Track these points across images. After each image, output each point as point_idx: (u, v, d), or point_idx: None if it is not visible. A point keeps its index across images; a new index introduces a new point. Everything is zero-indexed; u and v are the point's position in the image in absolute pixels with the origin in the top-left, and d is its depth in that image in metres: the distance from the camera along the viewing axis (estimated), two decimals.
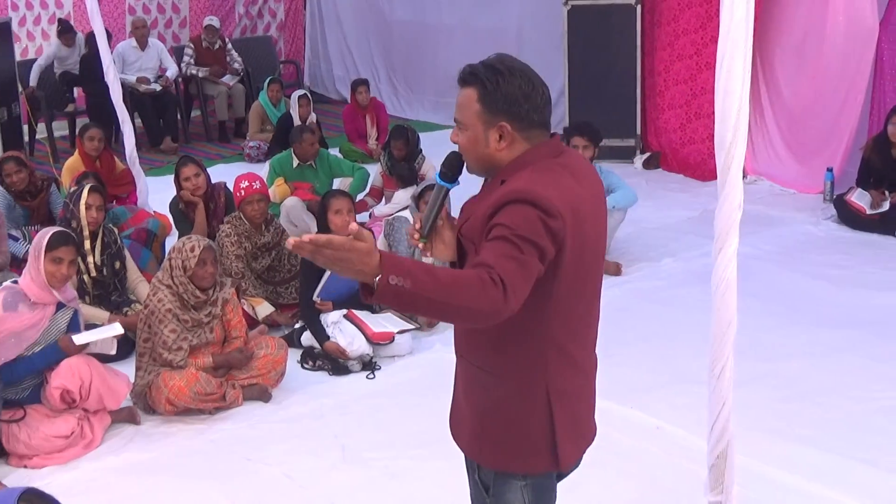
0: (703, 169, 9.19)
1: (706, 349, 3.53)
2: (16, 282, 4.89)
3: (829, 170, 8.39)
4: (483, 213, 2.52)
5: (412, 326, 5.88)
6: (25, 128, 10.51)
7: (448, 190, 2.70)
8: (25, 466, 4.68)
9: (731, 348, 3.47)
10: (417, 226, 2.70)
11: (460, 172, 2.71)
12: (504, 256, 2.36)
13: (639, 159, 9.78)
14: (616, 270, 6.95)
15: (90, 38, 10.39)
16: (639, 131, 9.83)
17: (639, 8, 9.50)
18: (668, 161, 9.71)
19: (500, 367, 2.65)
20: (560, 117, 10.42)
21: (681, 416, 4.81)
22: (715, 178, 3.44)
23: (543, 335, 2.60)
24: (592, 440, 2.88)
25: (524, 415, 2.66)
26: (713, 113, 3.37)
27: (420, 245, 2.71)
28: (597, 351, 2.87)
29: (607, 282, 6.76)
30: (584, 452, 2.83)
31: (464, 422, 2.81)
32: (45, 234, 4.89)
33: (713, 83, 3.38)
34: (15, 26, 11.13)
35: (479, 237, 2.51)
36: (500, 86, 2.56)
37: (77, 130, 8.95)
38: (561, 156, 2.64)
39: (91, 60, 9.85)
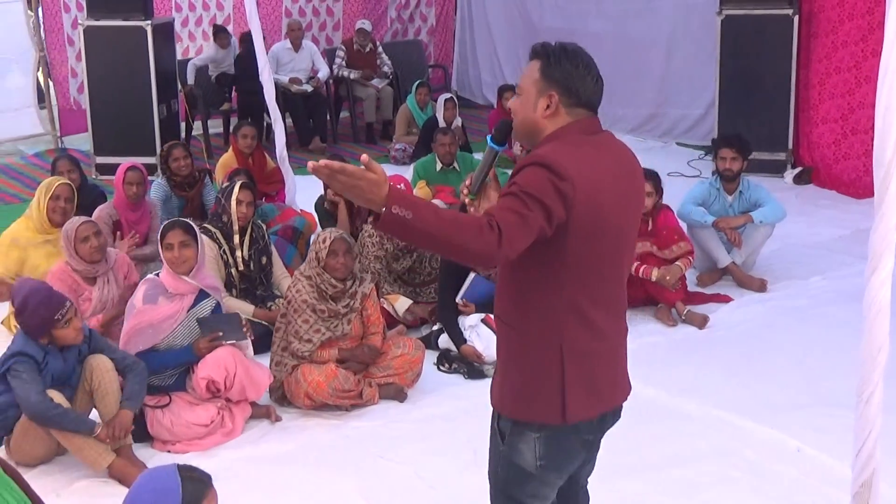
0: (857, 186, 8.88)
1: (853, 372, 3.42)
2: (158, 274, 5.08)
3: None
4: (511, 176, 2.72)
5: None
6: (183, 124, 10.91)
7: (497, 152, 2.93)
8: (169, 451, 4.83)
9: (882, 373, 3.36)
10: (468, 182, 2.94)
11: (509, 136, 2.95)
12: (507, 209, 2.57)
13: (789, 174, 9.49)
14: (761, 287, 6.79)
15: (244, 39, 10.72)
16: (790, 145, 9.55)
17: (796, 19, 9.24)
18: (820, 177, 9.39)
19: (520, 322, 2.84)
20: (709, 128, 10.23)
21: (823, 440, 4.65)
22: (870, 196, 3.34)
23: (560, 296, 2.76)
24: (613, 405, 2.96)
25: (538, 368, 2.83)
26: (871, 129, 3.27)
27: (468, 200, 2.94)
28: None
29: (751, 298, 6.72)
30: (599, 412, 2.90)
31: (495, 374, 3.03)
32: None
33: (873, 98, 3.26)
34: (178, 27, 11.54)
35: None
36: (561, 61, 2.79)
37: (231, 128, 9.22)
38: (595, 134, 2.83)
39: (246, 60, 10.14)
